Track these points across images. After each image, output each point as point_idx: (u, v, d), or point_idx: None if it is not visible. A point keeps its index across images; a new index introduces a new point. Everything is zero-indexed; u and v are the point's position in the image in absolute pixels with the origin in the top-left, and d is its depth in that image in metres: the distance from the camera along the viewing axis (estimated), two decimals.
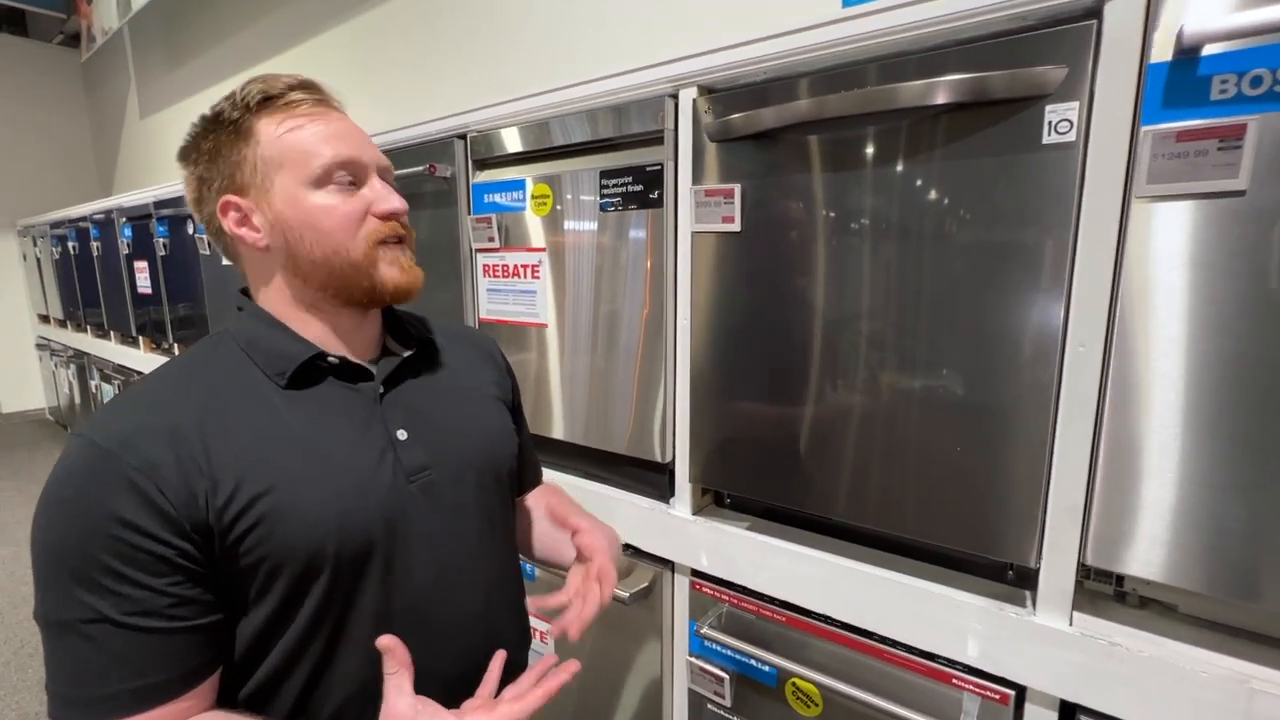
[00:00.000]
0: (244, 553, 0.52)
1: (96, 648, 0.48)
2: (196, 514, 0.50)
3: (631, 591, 1.06)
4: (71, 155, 5.29)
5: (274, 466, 0.54)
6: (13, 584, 2.53)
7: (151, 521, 0.49)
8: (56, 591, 0.49)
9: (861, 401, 0.83)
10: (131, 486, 0.49)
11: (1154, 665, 0.65)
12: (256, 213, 0.59)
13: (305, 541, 0.53)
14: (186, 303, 2.50)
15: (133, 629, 0.49)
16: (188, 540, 0.50)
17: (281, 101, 0.59)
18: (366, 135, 0.64)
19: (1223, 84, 0.57)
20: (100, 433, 0.51)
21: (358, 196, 0.60)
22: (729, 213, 0.89)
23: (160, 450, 0.50)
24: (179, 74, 3.89)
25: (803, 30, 0.81)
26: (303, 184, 0.58)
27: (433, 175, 1.28)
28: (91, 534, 0.48)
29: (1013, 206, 0.69)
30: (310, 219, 0.58)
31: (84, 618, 0.48)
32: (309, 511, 0.54)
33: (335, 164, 0.58)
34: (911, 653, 0.82)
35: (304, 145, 0.58)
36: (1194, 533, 0.63)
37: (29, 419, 5.19)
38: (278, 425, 0.56)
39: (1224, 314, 0.60)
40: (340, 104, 0.64)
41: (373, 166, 0.62)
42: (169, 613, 0.50)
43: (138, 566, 0.49)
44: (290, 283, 0.61)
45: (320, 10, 2.75)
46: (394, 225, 0.62)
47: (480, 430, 0.71)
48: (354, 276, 0.60)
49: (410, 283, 0.63)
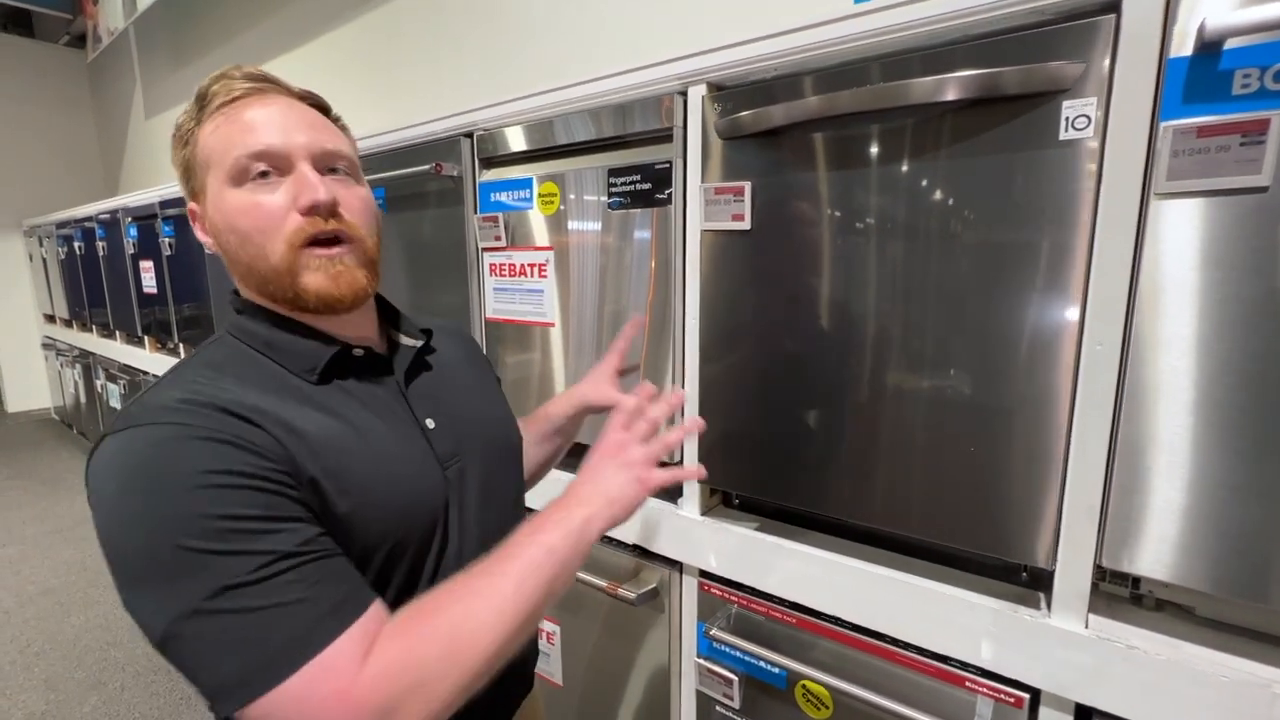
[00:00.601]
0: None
1: (272, 589, 0.44)
2: (299, 476, 0.49)
3: (639, 592, 1.05)
4: (77, 155, 5.32)
5: (340, 457, 0.53)
6: (19, 582, 2.54)
7: (265, 466, 0.47)
8: (198, 569, 0.43)
9: (873, 401, 0.82)
10: (229, 444, 0.46)
11: (1172, 669, 0.65)
12: (205, 217, 0.58)
13: (382, 528, 0.54)
14: (192, 302, 2.50)
15: (305, 556, 0.46)
16: (299, 489, 0.49)
17: (218, 100, 0.56)
18: (308, 117, 0.58)
19: (1245, 78, 0.56)
20: (164, 416, 0.47)
21: (280, 191, 0.54)
22: (739, 210, 0.89)
23: (239, 424, 0.48)
24: (184, 74, 3.90)
25: (813, 27, 0.80)
26: (223, 183, 0.55)
27: (439, 174, 1.27)
28: (218, 497, 0.44)
29: (1028, 204, 0.68)
30: (230, 221, 0.55)
31: (245, 574, 0.44)
32: (382, 499, 0.54)
33: (247, 156, 0.53)
34: (923, 655, 0.82)
35: (224, 140, 0.55)
36: (1212, 534, 0.63)
37: (34, 419, 5.21)
38: (328, 417, 0.55)
39: (1245, 312, 0.59)
40: (290, 88, 0.60)
41: (300, 154, 0.55)
42: (323, 541, 0.48)
43: (274, 507, 0.46)
44: (246, 290, 0.59)
45: (325, 10, 2.75)
46: (315, 221, 0.55)
47: (491, 416, 0.73)
48: (277, 281, 0.55)
49: (339, 292, 0.56)
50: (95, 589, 2.48)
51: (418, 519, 0.57)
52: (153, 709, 1.83)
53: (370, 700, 0.44)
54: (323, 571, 0.47)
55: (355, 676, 0.44)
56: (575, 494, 0.59)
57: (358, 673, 0.45)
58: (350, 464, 0.53)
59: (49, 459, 4.11)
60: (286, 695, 0.43)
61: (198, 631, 0.43)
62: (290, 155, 0.55)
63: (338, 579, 0.48)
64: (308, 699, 0.43)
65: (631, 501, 0.59)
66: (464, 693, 0.48)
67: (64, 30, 4.94)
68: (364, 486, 0.53)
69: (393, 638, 0.47)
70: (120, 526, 0.45)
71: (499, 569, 0.52)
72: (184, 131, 0.58)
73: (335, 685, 0.44)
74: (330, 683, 0.44)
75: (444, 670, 0.46)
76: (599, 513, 0.57)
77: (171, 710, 1.83)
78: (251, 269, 0.56)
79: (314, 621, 0.45)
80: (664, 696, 1.11)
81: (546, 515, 0.57)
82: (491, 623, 0.49)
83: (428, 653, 0.47)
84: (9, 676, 1.98)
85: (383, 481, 0.55)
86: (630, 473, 0.60)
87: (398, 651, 0.46)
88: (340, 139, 0.61)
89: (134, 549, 0.44)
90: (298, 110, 0.58)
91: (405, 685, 0.45)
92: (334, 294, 0.56)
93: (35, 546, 2.85)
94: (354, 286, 0.58)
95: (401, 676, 0.45)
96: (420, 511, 0.58)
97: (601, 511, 0.57)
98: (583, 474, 0.61)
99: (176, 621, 0.43)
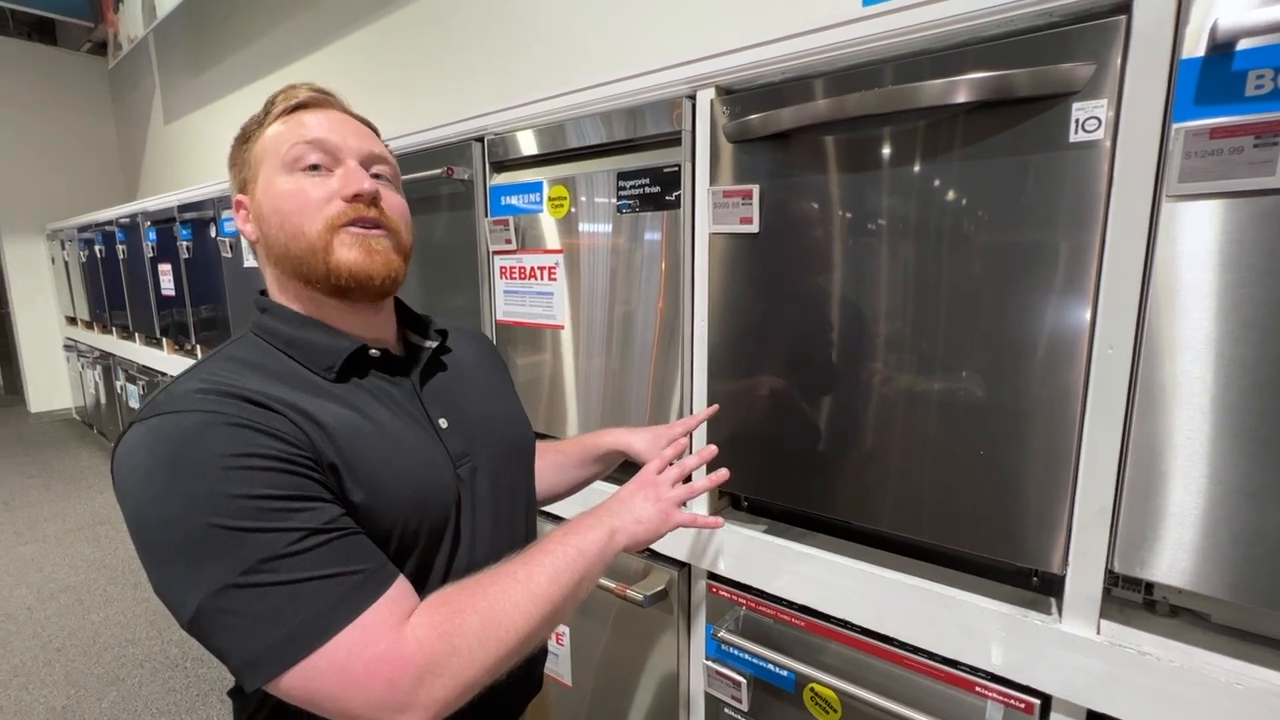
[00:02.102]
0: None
1: (305, 563, 0.46)
2: (320, 460, 0.51)
3: (648, 594, 1.05)
4: (98, 160, 5.42)
5: (356, 449, 0.54)
6: (40, 580, 2.59)
7: (289, 450, 0.49)
8: (233, 545, 0.44)
9: (882, 404, 0.82)
10: (253, 428, 0.48)
11: (1185, 676, 0.64)
12: (251, 205, 0.61)
13: (391, 521, 0.55)
14: (209, 304, 2.54)
15: (333, 532, 0.48)
16: (321, 471, 0.50)
17: (281, 106, 0.61)
18: (361, 129, 0.63)
19: (1259, 79, 0.55)
20: (189, 403, 0.49)
21: (327, 181, 0.59)
22: (747, 213, 0.89)
23: (261, 411, 0.50)
24: (202, 80, 3.96)
25: (821, 30, 0.80)
26: (276, 170, 0.59)
27: (450, 178, 1.29)
28: (246, 478, 0.46)
29: (1038, 206, 0.68)
30: (276, 203, 0.58)
31: (278, 549, 0.45)
32: (395, 492, 0.55)
33: (302, 143, 0.58)
34: (933, 659, 0.81)
35: (283, 135, 0.59)
36: (1227, 539, 0.62)
37: (56, 418, 5.31)
38: (349, 412, 0.56)
39: (1260, 315, 0.58)
40: (347, 107, 0.65)
41: (350, 152, 0.60)
42: (347, 520, 0.50)
43: (300, 488, 0.48)
44: (277, 276, 0.62)
45: (339, 16, 2.78)
46: (358, 207, 0.58)
47: (503, 417, 0.74)
48: (311, 260, 0.58)
49: (371, 266, 0.58)
50: (114, 586, 2.52)
51: (429, 513, 0.58)
52: (169, 704, 1.86)
53: (415, 659, 0.46)
54: (350, 547, 0.49)
55: (396, 638, 0.47)
56: (607, 508, 0.66)
57: (397, 636, 0.47)
58: (365, 456, 0.54)
59: (70, 458, 4.19)
60: (325, 660, 0.45)
61: (233, 605, 0.44)
62: (340, 151, 0.60)
63: (365, 554, 0.50)
64: (349, 663, 0.45)
65: (655, 528, 0.65)
66: (493, 671, 0.50)
67: (86, 38, 5.04)
68: (378, 478, 0.54)
69: (435, 607, 0.50)
70: (151, 508, 0.46)
71: (534, 560, 0.56)
72: (247, 132, 0.62)
73: (376, 648, 0.46)
74: (371, 646, 0.46)
75: (480, 642, 0.49)
76: (625, 528, 0.64)
77: (188, 706, 1.86)
78: (288, 249, 0.58)
79: (348, 591, 0.47)
80: (672, 698, 1.11)
81: (578, 522, 0.62)
82: (525, 607, 0.52)
83: (467, 623, 0.49)
84: (30, 672, 2.02)
85: (395, 475, 0.56)
86: (658, 505, 0.67)
87: (441, 618, 0.49)
88: (386, 151, 0.65)
89: (166, 530, 0.45)
90: (352, 121, 0.63)
91: (447, 649, 0.48)
92: (367, 269, 0.58)
93: (56, 544, 2.91)
94: (388, 265, 0.60)
95: (444, 641, 0.48)
96: (431, 506, 0.59)
97: (628, 528, 0.64)
98: (615, 497, 0.68)
99: (211, 597, 0.44)
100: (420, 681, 0.46)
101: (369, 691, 0.45)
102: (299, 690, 0.45)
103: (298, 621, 0.44)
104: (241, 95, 3.60)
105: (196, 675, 1.99)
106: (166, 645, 2.14)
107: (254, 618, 0.44)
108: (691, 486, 0.69)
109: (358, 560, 0.48)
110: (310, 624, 0.45)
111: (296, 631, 0.44)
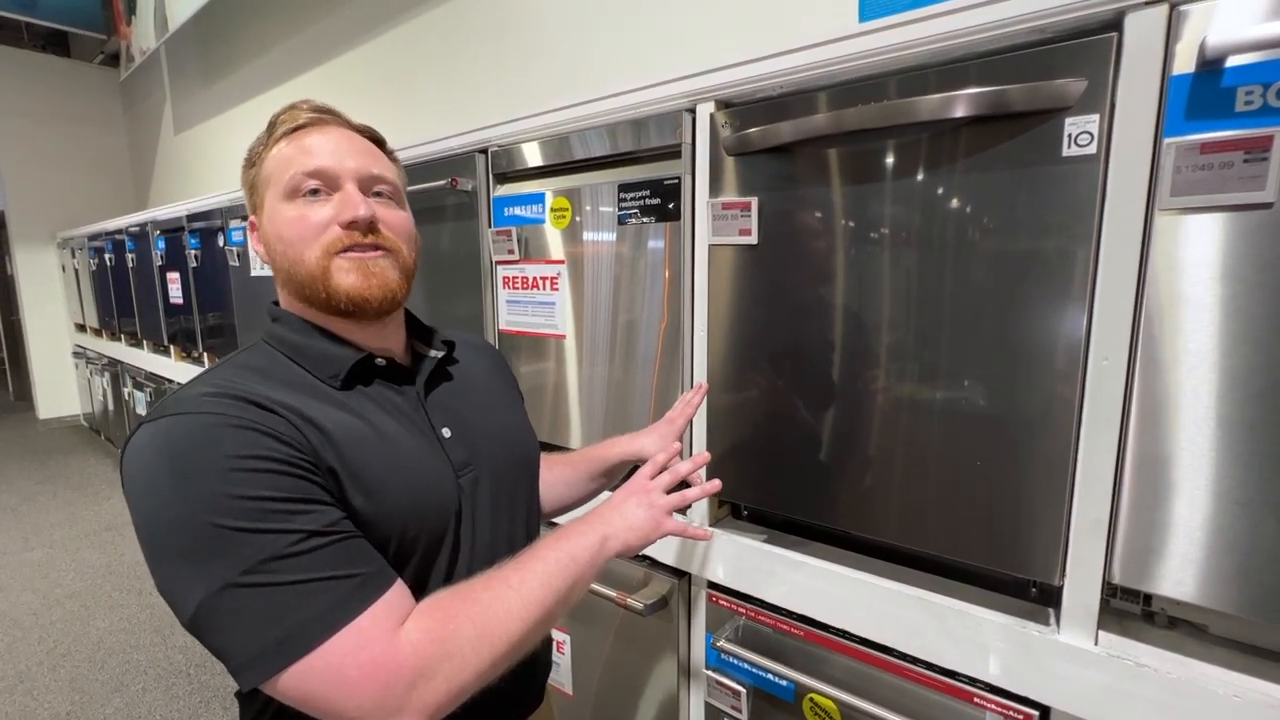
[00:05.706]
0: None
1: (305, 564, 0.46)
2: (320, 464, 0.52)
3: (648, 603, 1.06)
4: (109, 170, 5.49)
5: (358, 454, 0.55)
6: (46, 585, 2.60)
7: (290, 453, 0.50)
8: (235, 545, 0.45)
9: (881, 415, 0.82)
10: (256, 430, 0.49)
11: (1184, 688, 0.64)
12: (260, 228, 0.63)
13: (390, 528, 0.55)
14: (216, 312, 2.56)
15: (333, 535, 0.49)
16: (321, 475, 0.51)
17: (284, 128, 0.62)
18: (361, 146, 0.64)
19: (1248, 95, 0.56)
20: (195, 405, 0.50)
21: (327, 206, 0.59)
22: (746, 225, 0.90)
23: (263, 414, 0.51)
24: (212, 91, 4.02)
25: (819, 45, 0.81)
26: (278, 197, 0.60)
27: (454, 189, 1.30)
28: (249, 480, 0.47)
29: (1033, 219, 0.69)
30: (279, 230, 0.60)
31: (279, 550, 0.46)
32: (395, 499, 0.56)
33: (301, 174, 0.59)
34: (932, 670, 0.81)
35: (284, 160, 0.61)
36: (1225, 551, 0.62)
37: (65, 425, 5.35)
38: (352, 418, 0.57)
39: (1253, 327, 0.58)
40: (350, 121, 0.66)
41: (348, 176, 0.60)
42: (347, 524, 0.51)
43: (300, 490, 0.49)
44: (286, 295, 0.64)
45: (345, 30, 2.82)
46: (354, 234, 0.59)
47: (507, 428, 0.74)
48: (312, 285, 0.59)
49: (368, 290, 0.59)
50: (119, 593, 2.54)
51: (428, 521, 0.59)
52: (173, 711, 1.87)
53: (410, 663, 0.47)
54: (350, 550, 0.50)
55: (391, 642, 0.47)
56: (599, 514, 0.66)
57: (392, 639, 0.47)
58: (367, 461, 0.55)
59: (78, 465, 4.22)
60: (320, 662, 0.45)
61: (233, 604, 0.45)
62: (339, 176, 0.60)
63: (365, 557, 0.51)
64: (343, 664, 0.46)
65: (646, 534, 0.65)
66: (486, 676, 0.51)
67: (98, 50, 5.11)
68: (379, 483, 0.55)
69: (429, 612, 0.51)
70: (156, 507, 0.47)
71: (527, 566, 0.56)
72: (253, 154, 0.64)
73: (371, 651, 0.46)
74: (367, 648, 0.46)
75: (474, 648, 0.50)
76: (617, 534, 0.64)
77: (191, 713, 1.86)
78: (291, 274, 0.60)
79: (347, 593, 0.48)
80: (672, 708, 1.11)
81: (571, 528, 0.62)
82: (518, 612, 0.53)
83: (461, 629, 0.50)
84: (36, 677, 2.03)
85: (396, 482, 0.57)
86: (650, 511, 0.66)
87: (434, 623, 0.50)
88: (387, 167, 0.66)
89: (169, 528, 0.46)
90: (352, 139, 0.63)
91: (440, 654, 0.48)
92: (364, 292, 0.60)
93: (63, 550, 2.93)
94: (385, 285, 0.61)
95: (438, 645, 0.49)
96: (431, 514, 0.59)
97: (619, 534, 0.64)
98: (607, 503, 0.68)
99: (212, 595, 0.45)
100: (413, 685, 0.47)
101: (363, 694, 0.46)
102: (294, 691, 0.45)
103: (295, 622, 0.45)
104: (251, 106, 3.64)
105: (200, 682, 1.99)
106: (171, 652, 2.15)
107: (253, 617, 0.45)
108: (683, 495, 0.69)
109: (357, 563, 0.49)
110: (307, 625, 0.45)
111: (293, 632, 0.45)
